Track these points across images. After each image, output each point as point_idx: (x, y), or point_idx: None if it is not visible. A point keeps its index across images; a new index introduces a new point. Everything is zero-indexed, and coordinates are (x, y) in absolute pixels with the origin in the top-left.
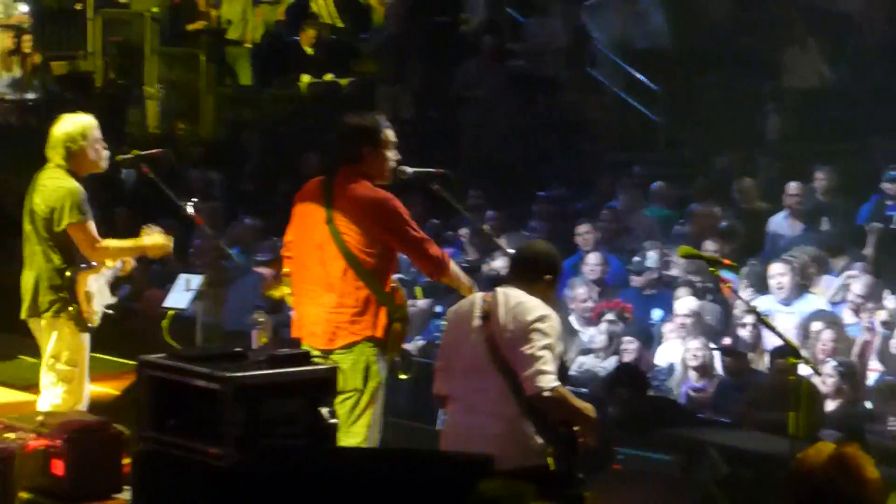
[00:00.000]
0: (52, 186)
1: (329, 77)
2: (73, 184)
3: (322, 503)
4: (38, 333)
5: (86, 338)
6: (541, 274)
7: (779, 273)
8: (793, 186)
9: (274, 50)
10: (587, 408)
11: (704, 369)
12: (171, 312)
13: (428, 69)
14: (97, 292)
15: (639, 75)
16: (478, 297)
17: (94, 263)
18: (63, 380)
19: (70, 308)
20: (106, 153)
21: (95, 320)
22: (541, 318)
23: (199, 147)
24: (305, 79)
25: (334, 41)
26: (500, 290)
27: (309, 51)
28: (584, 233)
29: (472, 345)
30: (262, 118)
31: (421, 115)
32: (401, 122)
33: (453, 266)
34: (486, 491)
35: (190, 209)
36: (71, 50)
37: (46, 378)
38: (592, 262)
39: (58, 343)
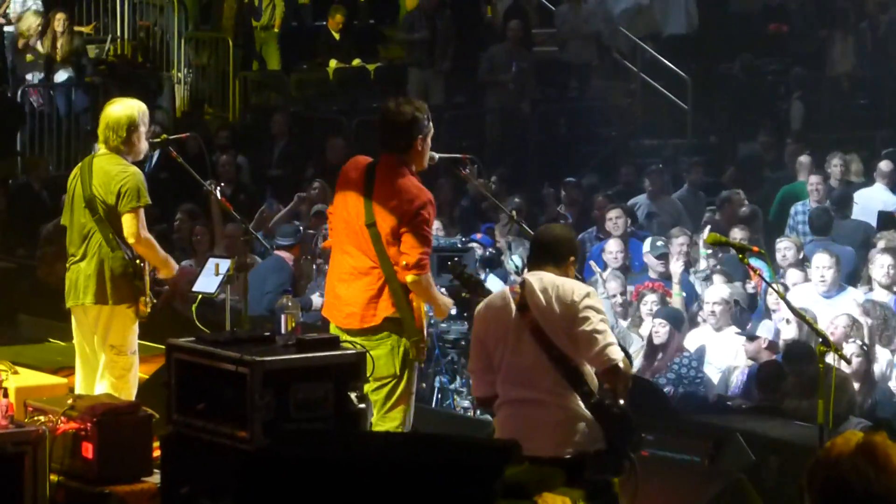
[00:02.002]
0: (116, 171)
1: (357, 62)
2: (136, 169)
3: (349, 487)
4: (91, 320)
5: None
6: (566, 256)
7: (823, 265)
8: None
9: (301, 35)
10: (629, 366)
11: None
12: (199, 297)
13: (457, 54)
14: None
15: (667, 62)
16: (505, 290)
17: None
18: (128, 368)
19: (142, 301)
20: (148, 142)
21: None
22: (588, 295)
23: (226, 131)
24: (333, 64)
25: (362, 26)
26: (530, 277)
27: (336, 36)
28: (614, 217)
29: (515, 338)
30: (290, 103)
31: (448, 100)
32: (431, 108)
33: (431, 280)
34: (512, 476)
35: (217, 193)
36: (100, 34)
37: (113, 366)
38: (614, 248)
39: (121, 331)
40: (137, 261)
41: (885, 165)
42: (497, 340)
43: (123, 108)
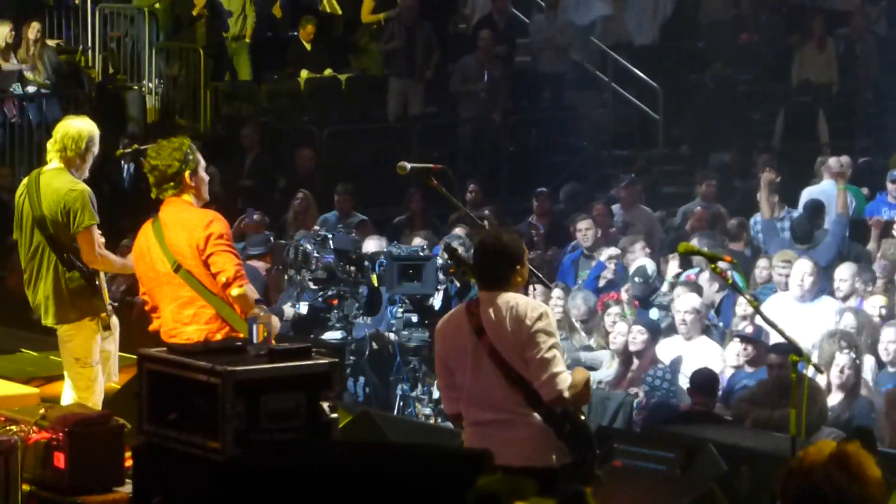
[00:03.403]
0: (65, 190)
1: (328, 72)
2: (85, 186)
3: (321, 497)
4: (59, 335)
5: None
6: (514, 265)
7: (805, 271)
8: None
9: (273, 45)
10: (586, 380)
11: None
12: None
13: (438, 64)
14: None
15: (638, 72)
16: (462, 310)
17: None
18: (94, 379)
19: (103, 314)
20: None
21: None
22: (540, 317)
23: (197, 141)
24: (304, 74)
25: (333, 36)
26: (484, 298)
27: (308, 46)
28: (584, 229)
29: (474, 361)
30: (261, 113)
31: (425, 110)
32: (409, 118)
33: (250, 288)
34: (485, 486)
35: None
36: (71, 44)
37: (78, 378)
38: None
39: (85, 344)
40: (95, 278)
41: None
42: (458, 361)
43: (85, 123)
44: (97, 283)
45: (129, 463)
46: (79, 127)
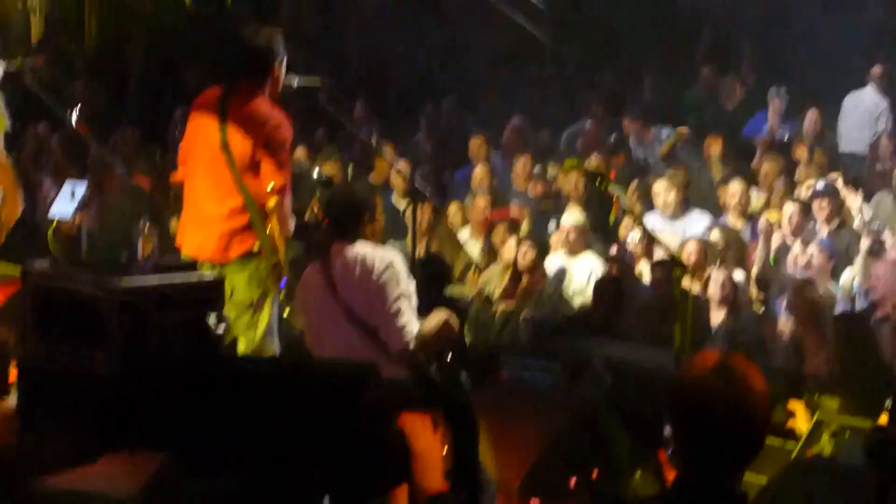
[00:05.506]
0: None
1: None
2: None
3: (209, 409)
4: None
5: None
6: (362, 216)
7: (664, 189)
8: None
9: None
10: (442, 321)
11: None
12: (56, 221)
13: None
14: None
15: None
16: (315, 266)
17: None
18: None
19: None
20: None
21: None
22: (385, 269)
23: (83, 58)
24: None
25: None
26: (334, 253)
27: None
28: (477, 145)
29: (329, 316)
30: (147, 30)
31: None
32: (300, 35)
33: (288, 201)
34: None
35: (74, 117)
36: None
37: None
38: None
39: None
40: None
41: None
42: (317, 316)
43: None
44: None
45: (13, 378)
46: None
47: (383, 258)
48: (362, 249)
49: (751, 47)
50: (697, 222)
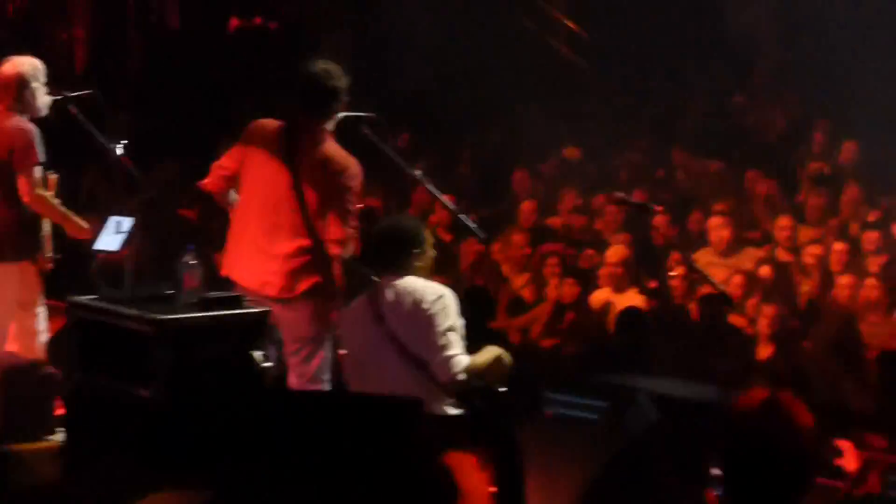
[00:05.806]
0: (10, 127)
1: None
2: (32, 125)
3: (252, 444)
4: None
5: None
6: (411, 249)
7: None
8: None
9: None
10: (494, 357)
11: None
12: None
13: (361, 12)
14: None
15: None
16: (362, 300)
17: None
18: (37, 325)
19: (44, 255)
20: (48, 98)
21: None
22: (435, 300)
23: (126, 89)
24: (233, 22)
25: None
26: (382, 286)
27: None
28: (521, 178)
29: (376, 349)
30: (190, 62)
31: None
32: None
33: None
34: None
35: (119, 151)
36: None
37: (27, 322)
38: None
39: (29, 287)
40: (40, 220)
41: None
42: (363, 350)
43: (14, 66)
44: (39, 223)
45: (60, 412)
46: (7, 73)
47: (434, 290)
48: (413, 283)
49: (799, 78)
50: (749, 257)
